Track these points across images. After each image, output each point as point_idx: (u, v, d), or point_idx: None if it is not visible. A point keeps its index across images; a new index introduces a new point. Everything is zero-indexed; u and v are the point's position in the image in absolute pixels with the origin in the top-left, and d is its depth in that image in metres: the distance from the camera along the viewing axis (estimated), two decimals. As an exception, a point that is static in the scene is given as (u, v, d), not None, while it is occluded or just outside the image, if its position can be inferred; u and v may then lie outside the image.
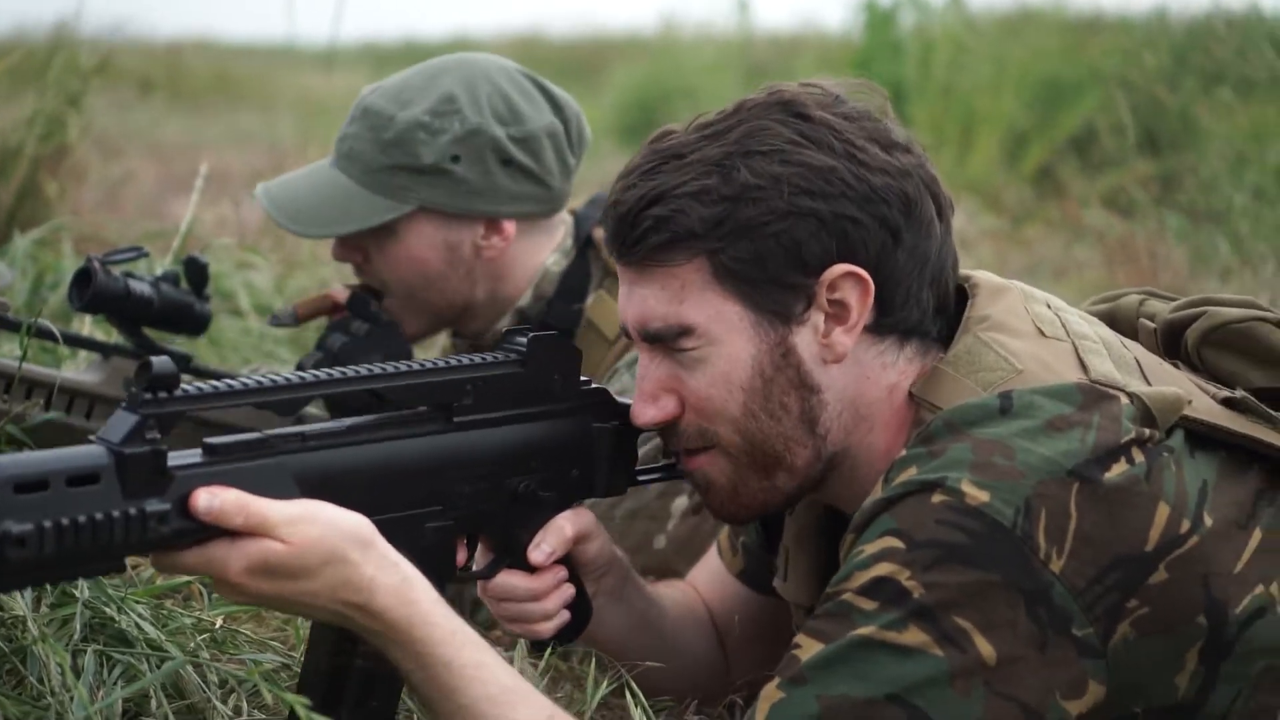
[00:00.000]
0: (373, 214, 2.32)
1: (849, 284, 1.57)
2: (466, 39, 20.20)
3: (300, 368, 2.33)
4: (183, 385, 1.38)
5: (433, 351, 2.85)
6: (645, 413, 1.64)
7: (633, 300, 1.63)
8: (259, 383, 1.46)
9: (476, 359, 1.64)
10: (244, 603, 1.48)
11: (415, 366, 1.58)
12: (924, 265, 1.61)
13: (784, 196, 1.55)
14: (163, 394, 1.36)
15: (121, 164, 6.58)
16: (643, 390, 1.64)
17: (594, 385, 1.73)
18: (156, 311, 2.31)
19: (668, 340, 1.60)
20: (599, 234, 2.38)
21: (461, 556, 1.65)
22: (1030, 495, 1.45)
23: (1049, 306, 1.66)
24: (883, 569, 1.46)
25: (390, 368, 1.56)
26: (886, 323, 1.60)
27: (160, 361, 1.36)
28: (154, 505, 1.35)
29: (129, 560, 1.43)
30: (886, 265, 1.58)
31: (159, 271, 2.41)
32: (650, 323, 1.61)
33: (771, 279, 1.57)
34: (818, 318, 1.58)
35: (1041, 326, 1.61)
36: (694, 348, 1.59)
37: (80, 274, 2.28)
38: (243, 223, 4.11)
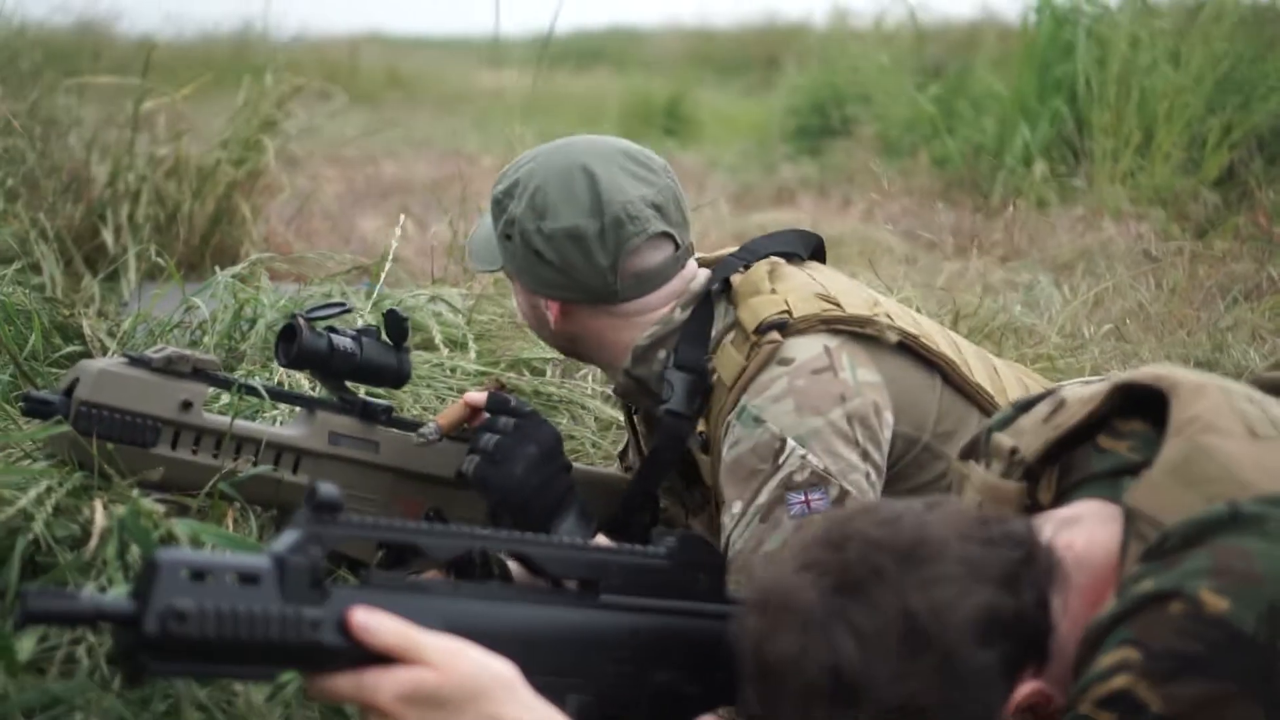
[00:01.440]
0: (494, 260, 2.52)
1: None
2: (634, 30, 20.29)
3: (460, 475, 2.40)
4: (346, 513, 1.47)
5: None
6: None
7: None
8: (415, 528, 1.54)
9: (626, 548, 1.69)
10: None
11: (569, 542, 1.65)
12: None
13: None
14: (325, 516, 1.45)
15: (306, 171, 6.74)
16: None
17: (740, 596, 1.74)
18: (359, 366, 2.37)
19: None
20: (735, 281, 2.43)
21: None
22: (1272, 601, 1.42)
23: (1252, 401, 1.62)
24: (1120, 681, 1.44)
25: (544, 539, 1.63)
26: None
27: (325, 488, 1.45)
28: (310, 612, 1.42)
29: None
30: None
31: (359, 324, 2.47)
32: None
33: None
34: None
35: (1253, 426, 1.57)
36: None
37: (285, 331, 2.34)
38: (431, 247, 4.18)
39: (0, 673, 1.65)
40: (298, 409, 2.40)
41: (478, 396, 2.45)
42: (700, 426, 2.41)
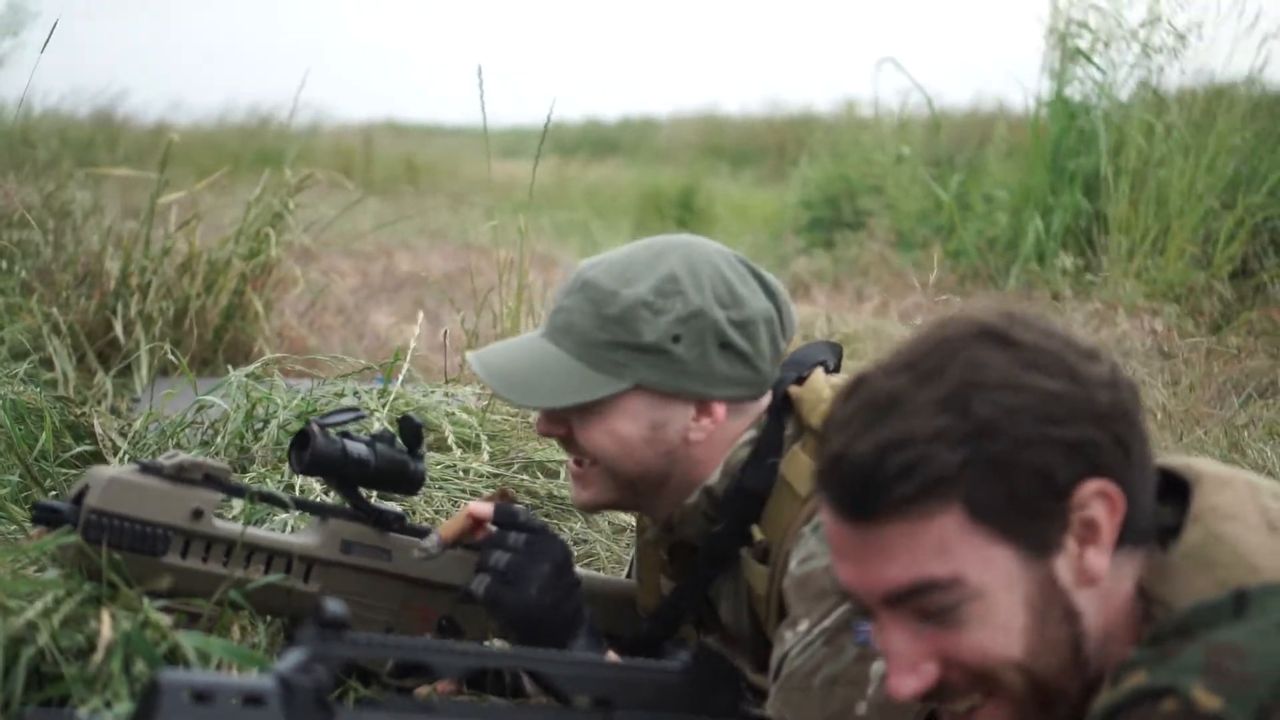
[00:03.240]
0: (590, 389, 2.31)
1: (1097, 502, 1.52)
2: (647, 118, 20.45)
3: (469, 595, 2.32)
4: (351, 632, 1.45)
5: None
6: (907, 685, 1.56)
7: (874, 561, 1.54)
8: (430, 646, 1.55)
9: (641, 663, 1.66)
10: None
11: (583, 658, 1.64)
12: (1146, 471, 1.57)
13: (1027, 426, 1.50)
14: (331, 633, 1.43)
15: (320, 264, 6.75)
16: (898, 662, 1.56)
17: (756, 714, 1.72)
18: (372, 473, 2.33)
19: (928, 599, 1.52)
20: (795, 391, 2.38)
21: None
22: (1265, 701, 1.40)
23: (1278, 498, 1.61)
24: None
25: (558, 656, 1.61)
26: (1127, 536, 1.55)
27: (332, 605, 1.44)
28: None
29: None
30: (1125, 480, 1.54)
31: (375, 429, 2.45)
32: (907, 582, 1.53)
33: (1029, 512, 1.51)
34: (1070, 542, 1.53)
35: (1274, 521, 1.56)
36: (958, 602, 1.51)
37: (299, 437, 2.31)
38: (445, 345, 4.18)
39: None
40: (309, 516, 2.37)
41: (483, 508, 2.35)
42: (757, 534, 2.34)
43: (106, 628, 1.89)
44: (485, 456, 3.36)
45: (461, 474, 3.27)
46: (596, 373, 2.31)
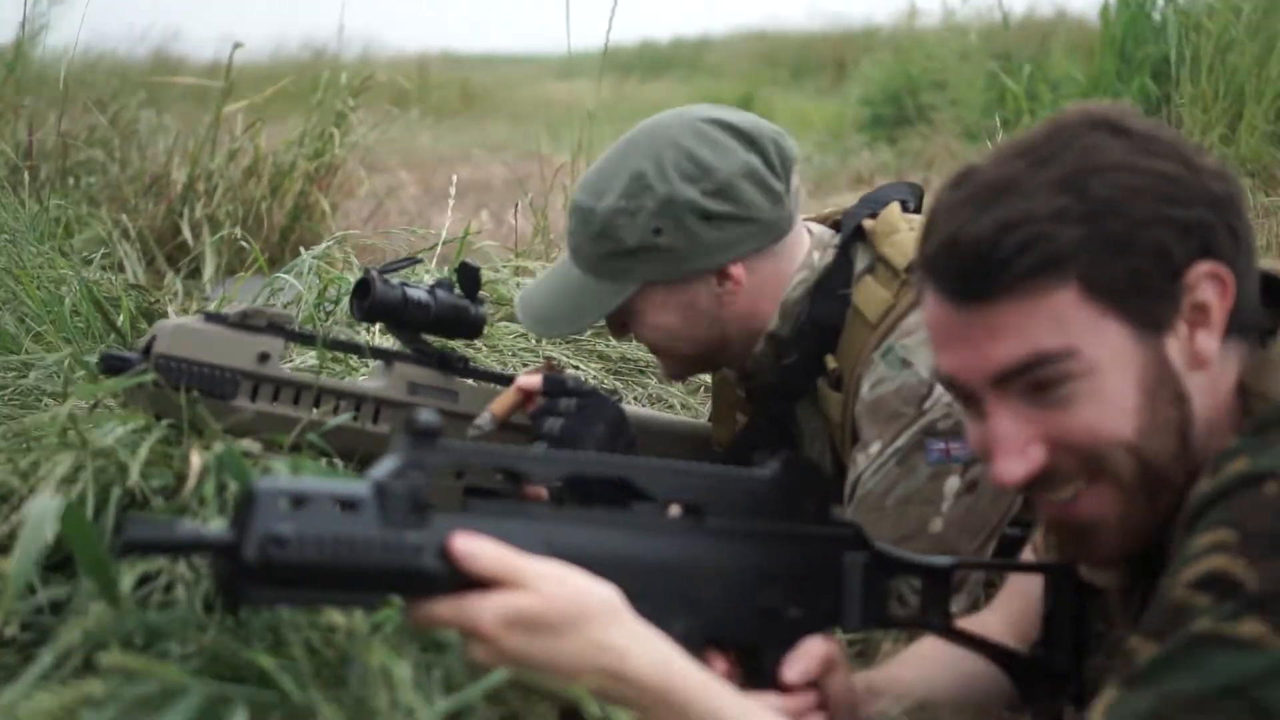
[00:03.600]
0: (604, 301, 2.38)
1: (1209, 284, 1.51)
2: (704, 37, 20.27)
3: None
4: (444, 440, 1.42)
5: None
6: (1014, 469, 1.54)
7: (987, 341, 1.52)
8: (518, 453, 1.51)
9: (731, 470, 1.63)
10: (499, 663, 1.43)
11: (674, 465, 1.59)
12: (1253, 261, 1.56)
13: (1145, 205, 1.49)
14: (425, 440, 1.40)
15: (384, 178, 6.75)
16: (1006, 449, 1.54)
17: (846, 520, 1.70)
18: (433, 317, 2.35)
19: (1041, 373, 1.51)
20: (868, 224, 2.38)
21: (720, 664, 1.61)
22: None
23: None
24: (1215, 562, 1.39)
25: (647, 462, 1.58)
26: (1234, 324, 1.54)
27: (425, 414, 1.41)
28: (411, 536, 1.38)
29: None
30: (1236, 268, 1.53)
31: (433, 279, 2.45)
32: (1022, 356, 1.51)
33: (1144, 290, 1.50)
34: (1181, 324, 1.52)
35: None
36: (1071, 379, 1.50)
37: (360, 285, 2.33)
38: (512, 229, 4.16)
39: (102, 605, 1.63)
40: (376, 363, 2.38)
41: (531, 380, 2.38)
42: (831, 363, 2.35)
43: (195, 456, 1.89)
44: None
45: (534, 341, 3.26)
46: (608, 283, 2.37)
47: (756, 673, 1.65)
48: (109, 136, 5.63)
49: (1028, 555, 1.96)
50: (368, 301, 2.30)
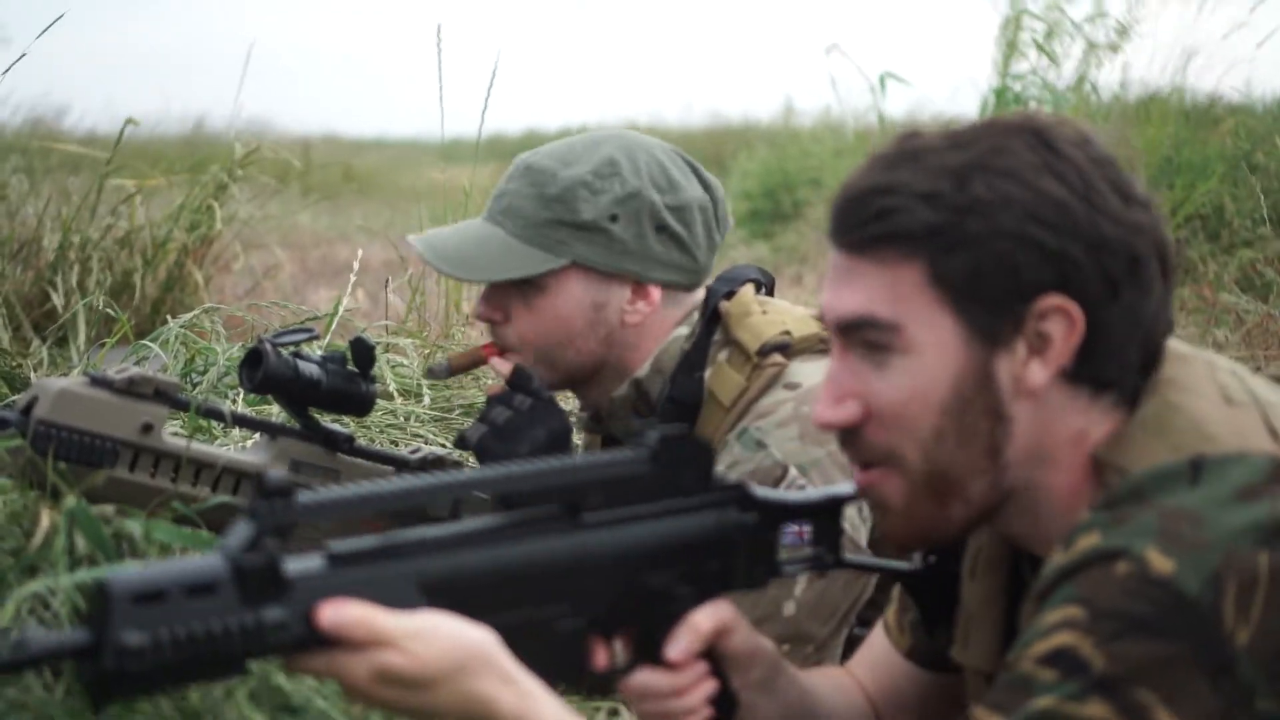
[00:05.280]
0: (530, 264, 2.38)
1: (1058, 319, 1.53)
2: (585, 128, 20.41)
3: (462, 439, 2.36)
4: (299, 495, 1.40)
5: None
6: (825, 414, 1.60)
7: (841, 287, 1.59)
8: (379, 488, 1.47)
9: (604, 457, 1.63)
10: (374, 706, 1.47)
11: (541, 466, 1.56)
12: (1136, 325, 1.57)
13: (1011, 218, 1.52)
14: (280, 503, 1.38)
15: (262, 255, 6.72)
16: (829, 392, 1.60)
17: (731, 480, 1.72)
18: (324, 392, 2.31)
19: (870, 334, 1.56)
20: (724, 306, 2.43)
21: (603, 656, 1.63)
22: (1218, 566, 1.41)
23: (1234, 375, 1.62)
24: (1064, 638, 1.42)
25: (515, 468, 1.55)
26: (1084, 372, 1.56)
27: (275, 474, 1.39)
28: (273, 614, 1.37)
29: None
30: (1098, 315, 1.54)
31: (322, 352, 2.44)
32: (856, 312, 1.56)
33: (985, 297, 1.53)
34: (1020, 346, 1.54)
35: (1229, 394, 1.57)
36: (893, 351, 1.55)
37: (251, 355, 2.28)
38: (388, 307, 4.18)
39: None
40: (258, 436, 2.36)
41: (504, 364, 2.42)
42: None
43: (45, 516, 1.88)
44: (426, 402, 3.37)
45: (404, 419, 3.28)
46: (535, 249, 2.39)
47: (651, 652, 1.67)
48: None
49: (879, 634, 2.00)
50: (260, 373, 2.25)
